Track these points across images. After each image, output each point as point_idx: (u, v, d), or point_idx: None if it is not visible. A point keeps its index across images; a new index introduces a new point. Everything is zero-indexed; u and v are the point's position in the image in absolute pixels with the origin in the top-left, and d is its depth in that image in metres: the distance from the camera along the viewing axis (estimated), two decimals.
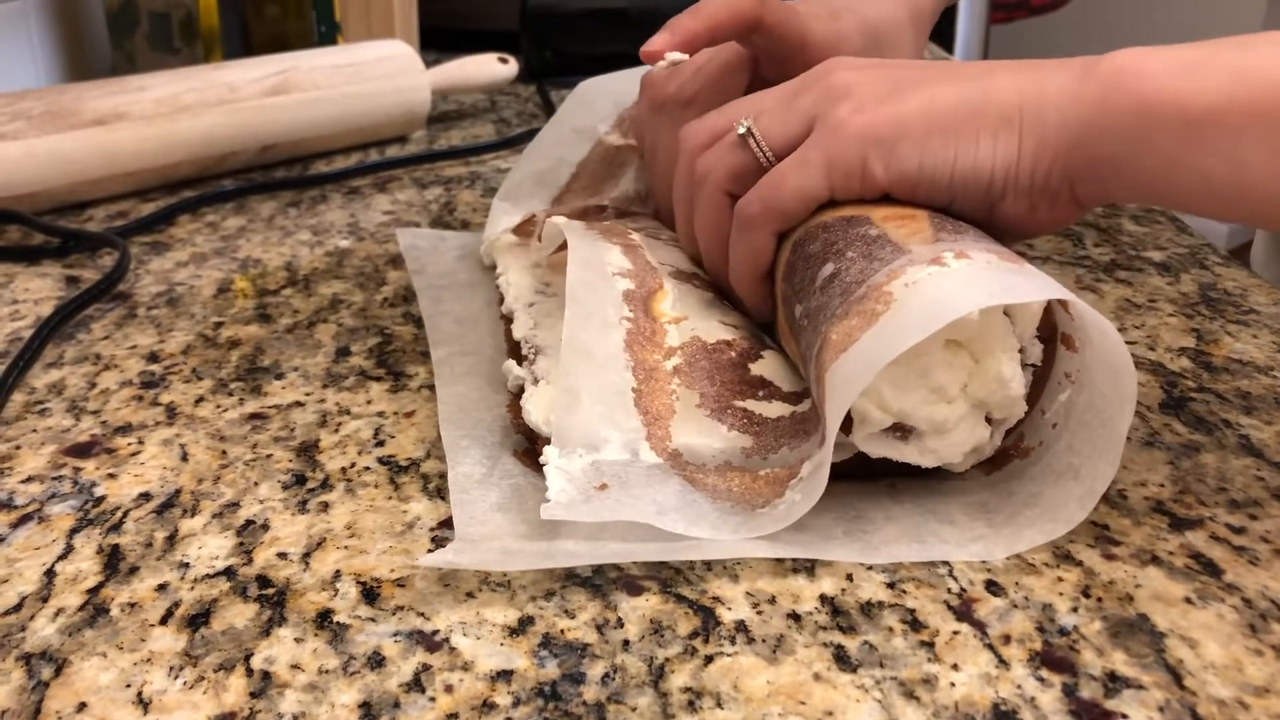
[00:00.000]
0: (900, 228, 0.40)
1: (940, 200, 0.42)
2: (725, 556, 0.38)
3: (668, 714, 0.32)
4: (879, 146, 0.41)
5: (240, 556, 0.39)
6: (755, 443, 0.41)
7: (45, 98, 0.70)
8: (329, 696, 0.33)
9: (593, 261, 0.46)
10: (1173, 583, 0.37)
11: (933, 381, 0.38)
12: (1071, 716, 0.32)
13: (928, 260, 0.37)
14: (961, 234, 0.39)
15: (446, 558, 0.36)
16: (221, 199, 0.72)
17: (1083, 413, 0.39)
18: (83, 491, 0.42)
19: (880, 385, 0.38)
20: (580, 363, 0.42)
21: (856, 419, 0.39)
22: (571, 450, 0.40)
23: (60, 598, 0.37)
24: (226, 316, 0.57)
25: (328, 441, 0.45)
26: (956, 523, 0.40)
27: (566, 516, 0.37)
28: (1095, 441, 0.38)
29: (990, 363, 0.38)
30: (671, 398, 0.42)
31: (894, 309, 0.37)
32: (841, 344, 0.37)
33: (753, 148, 0.44)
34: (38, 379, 0.50)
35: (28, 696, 0.33)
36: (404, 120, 0.85)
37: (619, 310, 0.44)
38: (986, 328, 0.38)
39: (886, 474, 0.41)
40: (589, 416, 0.40)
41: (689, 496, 0.39)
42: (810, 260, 0.41)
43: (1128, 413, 0.37)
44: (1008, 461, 0.42)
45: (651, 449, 0.40)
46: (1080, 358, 0.40)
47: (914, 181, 0.41)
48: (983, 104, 0.40)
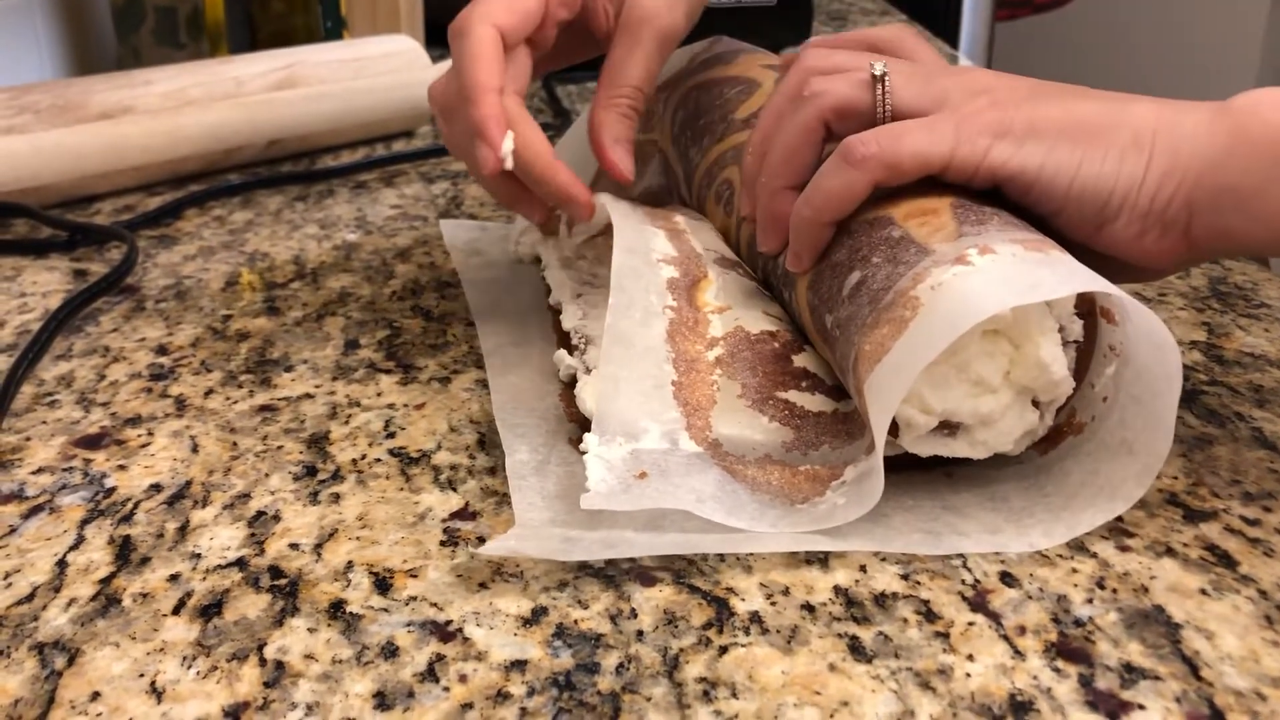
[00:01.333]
0: (923, 225, 0.39)
1: (1049, 208, 0.41)
2: (789, 549, 0.38)
3: (683, 704, 0.32)
4: (1007, 138, 0.40)
5: (252, 547, 0.39)
6: (796, 437, 0.41)
7: (52, 91, 0.70)
8: (343, 686, 0.32)
9: (638, 247, 0.46)
10: (1188, 574, 0.37)
11: (973, 374, 0.38)
12: (1088, 707, 0.32)
13: (952, 260, 0.37)
14: (985, 224, 0.39)
15: (509, 544, 0.36)
16: (228, 193, 0.72)
17: (1131, 385, 0.39)
18: (93, 483, 0.42)
19: (920, 389, 0.38)
20: (621, 352, 0.42)
21: (902, 425, 0.39)
22: (611, 438, 0.40)
23: (72, 588, 0.37)
24: (235, 309, 0.56)
25: (338, 433, 0.45)
26: (1016, 509, 0.40)
27: (606, 505, 0.37)
28: (1146, 415, 0.38)
29: (1030, 348, 0.38)
30: (713, 388, 0.42)
31: (921, 314, 0.36)
32: (875, 354, 0.37)
33: (877, 93, 0.43)
34: (47, 371, 0.50)
35: (41, 685, 0.33)
36: (410, 115, 0.85)
37: (662, 299, 0.44)
38: (1022, 315, 0.38)
39: (941, 462, 0.41)
40: (628, 405, 0.40)
41: (728, 487, 0.39)
42: (837, 269, 0.41)
43: (1175, 387, 0.37)
44: (1062, 439, 0.42)
45: (691, 438, 0.40)
46: (1122, 330, 0.40)
47: (1031, 180, 0.40)
48: (1117, 123, 0.40)
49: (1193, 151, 0.40)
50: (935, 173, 0.41)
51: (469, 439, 0.45)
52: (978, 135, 0.41)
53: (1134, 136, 0.40)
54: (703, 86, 0.58)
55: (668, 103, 0.60)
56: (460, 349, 0.52)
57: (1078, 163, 0.40)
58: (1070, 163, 0.40)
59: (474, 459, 0.44)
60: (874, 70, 0.43)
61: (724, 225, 0.53)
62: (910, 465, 0.41)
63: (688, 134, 0.57)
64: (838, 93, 0.43)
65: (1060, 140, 0.40)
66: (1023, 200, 0.41)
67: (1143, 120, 0.40)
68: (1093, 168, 0.40)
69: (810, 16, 1.09)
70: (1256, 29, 1.93)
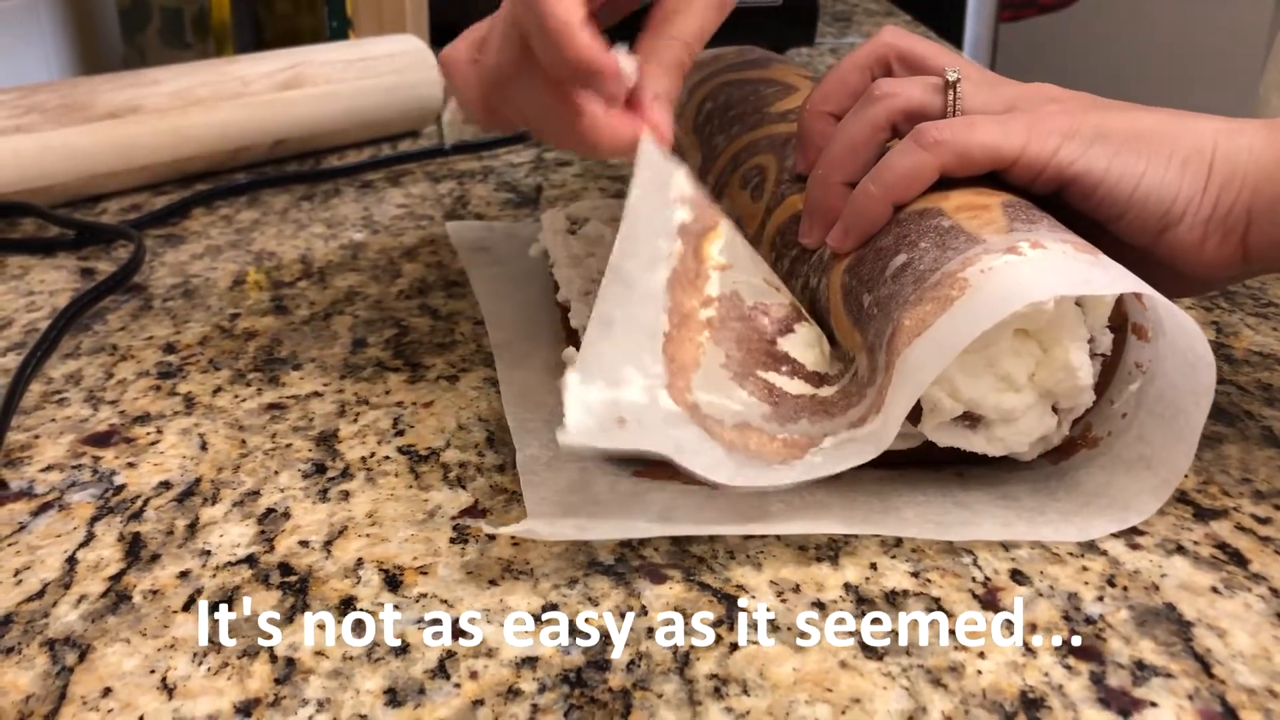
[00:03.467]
0: (973, 219, 0.39)
1: (1112, 212, 0.41)
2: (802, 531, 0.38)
3: (694, 701, 0.32)
4: (1077, 139, 0.41)
5: (262, 544, 0.38)
6: (774, 411, 0.41)
7: (59, 91, 0.70)
8: (353, 683, 0.32)
9: (657, 181, 0.43)
10: (1199, 572, 0.37)
11: (1000, 370, 0.38)
12: (1100, 704, 0.32)
13: (1003, 249, 0.37)
14: (1035, 224, 0.39)
15: (526, 525, 0.37)
16: (235, 192, 0.72)
17: (1153, 404, 0.39)
18: (102, 480, 0.42)
19: (953, 373, 0.38)
20: (621, 292, 0.40)
21: (927, 408, 0.38)
22: (592, 380, 0.38)
23: (82, 584, 0.37)
24: (242, 308, 0.56)
25: (347, 431, 0.45)
26: (1027, 508, 0.40)
27: (584, 442, 0.36)
28: (1167, 432, 0.38)
29: (1058, 352, 0.38)
30: (699, 350, 0.41)
31: (969, 294, 0.36)
32: (915, 329, 0.37)
33: (948, 98, 0.44)
34: (55, 369, 0.50)
35: (52, 681, 0.32)
36: (416, 115, 0.85)
37: (670, 243, 0.43)
38: (1058, 317, 0.38)
39: (951, 462, 0.41)
40: (615, 349, 0.39)
41: (707, 444, 0.39)
42: (881, 253, 0.41)
43: (1205, 404, 0.37)
44: (1075, 451, 0.42)
45: (670, 398, 0.39)
46: (1153, 347, 0.40)
47: (1097, 182, 0.41)
48: (1179, 133, 0.41)
49: (1251, 161, 0.41)
50: (1003, 167, 0.42)
51: (478, 436, 0.45)
52: (1048, 135, 0.41)
53: (1195, 146, 0.41)
54: (735, 83, 0.58)
55: (693, 93, 0.60)
56: (468, 347, 0.52)
57: (1143, 168, 0.41)
58: (1136, 167, 0.41)
59: (483, 456, 0.44)
60: (947, 76, 0.44)
61: (748, 210, 0.52)
62: (922, 464, 0.41)
63: (715, 122, 0.57)
64: (909, 95, 0.44)
65: (1126, 145, 0.41)
66: (1085, 203, 0.42)
67: (1202, 132, 0.41)
68: (1157, 173, 0.41)
69: (815, 17, 1.09)
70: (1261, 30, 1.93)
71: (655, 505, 0.39)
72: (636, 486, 0.40)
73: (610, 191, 0.73)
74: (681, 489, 0.40)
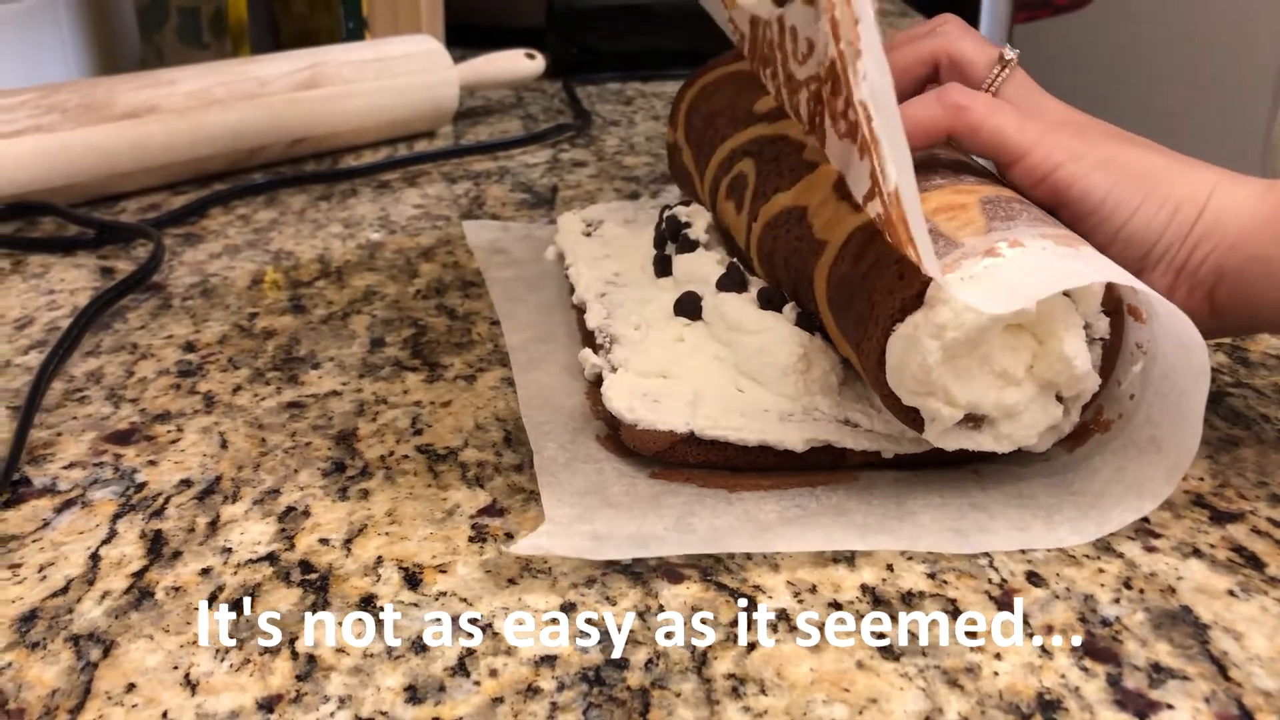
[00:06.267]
0: (951, 220, 0.40)
1: (1099, 241, 0.42)
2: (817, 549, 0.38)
3: (712, 700, 0.32)
4: (1081, 161, 0.42)
5: (282, 542, 0.39)
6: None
7: (79, 91, 0.71)
8: (374, 680, 0.33)
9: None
10: (1215, 575, 0.37)
11: (996, 366, 0.38)
12: (1117, 706, 0.32)
13: (981, 252, 0.37)
14: (1014, 219, 0.39)
15: (539, 543, 0.37)
16: (252, 192, 0.73)
17: (1158, 383, 0.39)
18: (124, 478, 0.43)
19: (944, 383, 0.38)
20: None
21: (927, 419, 0.39)
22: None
23: (105, 581, 0.37)
24: (261, 307, 0.57)
25: (366, 430, 0.46)
26: (1044, 506, 0.40)
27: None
28: (1173, 413, 0.39)
29: (1053, 343, 0.38)
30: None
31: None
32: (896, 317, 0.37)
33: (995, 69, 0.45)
34: (76, 368, 0.51)
35: (77, 676, 0.33)
36: (432, 115, 0.85)
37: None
38: (1048, 309, 0.38)
39: (968, 460, 0.42)
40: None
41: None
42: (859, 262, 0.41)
43: (1203, 385, 0.37)
44: (1089, 436, 0.42)
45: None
46: (1149, 329, 0.40)
47: (1093, 207, 0.42)
48: (1180, 178, 0.42)
49: (1234, 217, 0.41)
50: (1005, 160, 0.43)
51: (495, 436, 0.45)
52: (1055, 149, 0.42)
53: (1192, 194, 0.41)
54: (722, 79, 0.58)
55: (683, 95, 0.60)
56: (485, 347, 0.53)
57: (1136, 205, 0.41)
58: (1130, 203, 0.41)
59: (500, 456, 0.44)
60: (1005, 52, 0.46)
61: (735, 222, 0.52)
62: (937, 464, 0.41)
63: (703, 129, 0.57)
64: (964, 45, 0.46)
65: (1127, 178, 0.42)
66: (1078, 227, 0.42)
67: (1202, 181, 0.42)
68: (1147, 214, 0.41)
69: None
70: (1275, 32, 1.92)
71: (672, 510, 0.39)
72: (653, 489, 0.41)
73: (625, 193, 0.73)
74: (697, 492, 0.40)
